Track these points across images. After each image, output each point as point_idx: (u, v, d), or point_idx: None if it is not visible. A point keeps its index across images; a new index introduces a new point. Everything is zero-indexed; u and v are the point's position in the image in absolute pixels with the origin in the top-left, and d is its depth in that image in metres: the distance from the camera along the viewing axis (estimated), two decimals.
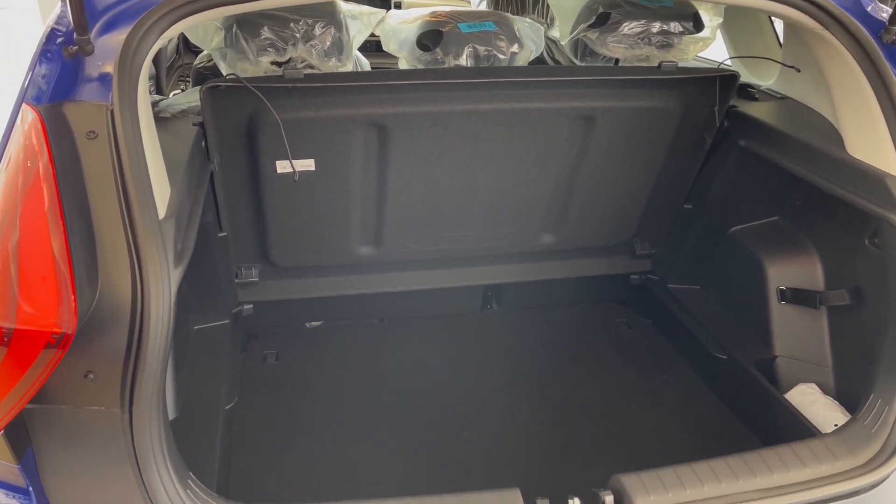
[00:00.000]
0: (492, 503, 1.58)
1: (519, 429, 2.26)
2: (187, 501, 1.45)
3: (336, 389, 2.46)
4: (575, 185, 2.43)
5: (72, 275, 1.26)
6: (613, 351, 2.70)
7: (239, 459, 2.10)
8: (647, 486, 1.63)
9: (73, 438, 1.40)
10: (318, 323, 2.80)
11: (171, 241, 1.46)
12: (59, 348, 1.25)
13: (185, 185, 1.70)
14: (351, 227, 2.39)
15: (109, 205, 1.38)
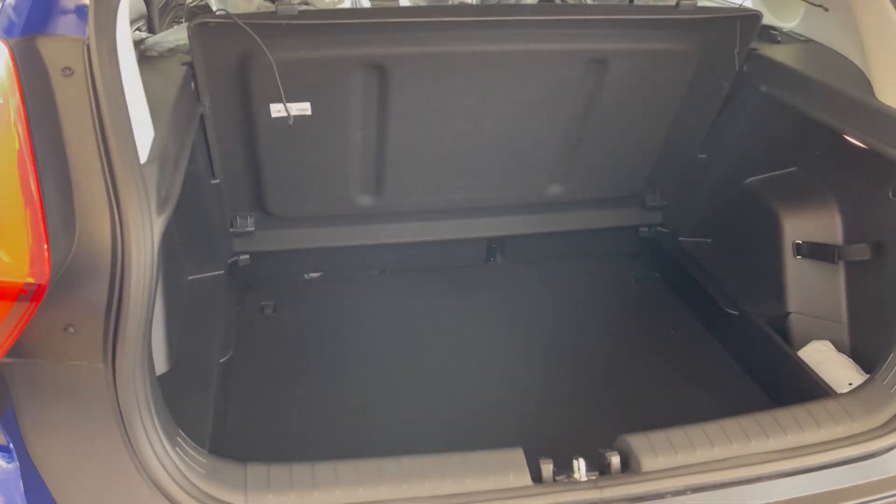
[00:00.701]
0: (494, 463, 1.52)
1: (522, 385, 2.20)
2: (176, 460, 1.39)
3: (335, 343, 2.39)
4: (585, 133, 2.32)
5: (44, 222, 1.17)
6: (620, 306, 2.62)
7: (234, 415, 2.05)
8: (654, 446, 1.57)
9: (55, 394, 1.34)
10: (316, 274, 2.73)
11: (154, 188, 1.37)
12: (32, 300, 1.17)
13: (171, 128, 1.60)
14: (350, 176, 2.30)
15: (87, 148, 1.28)
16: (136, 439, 1.35)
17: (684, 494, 1.49)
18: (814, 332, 2.20)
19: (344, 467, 1.48)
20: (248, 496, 1.42)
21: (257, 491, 1.43)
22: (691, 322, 2.54)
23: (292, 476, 1.46)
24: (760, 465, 1.54)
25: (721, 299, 2.42)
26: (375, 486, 1.46)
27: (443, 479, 1.49)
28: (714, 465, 1.53)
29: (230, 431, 1.99)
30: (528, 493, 1.48)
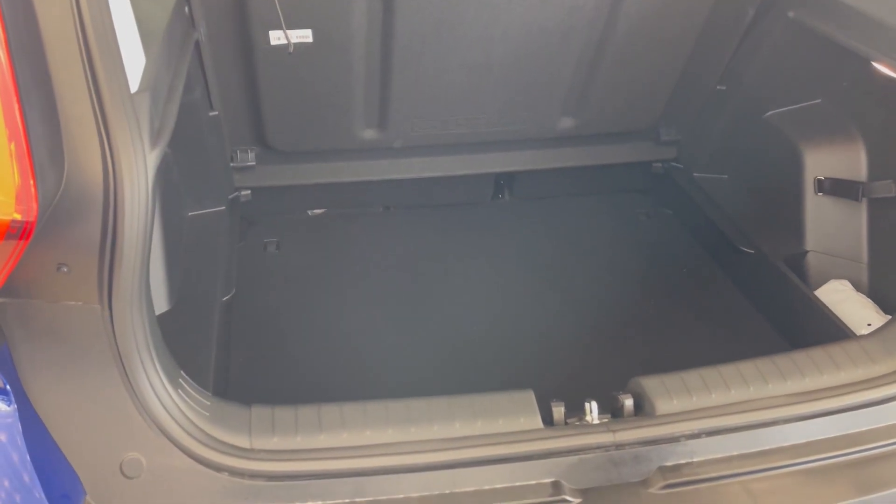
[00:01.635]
0: (504, 405, 1.49)
1: (532, 326, 2.16)
2: (179, 402, 1.35)
3: (340, 281, 2.35)
4: (599, 62, 2.21)
5: (30, 155, 1.10)
6: (632, 244, 2.56)
7: (237, 355, 2.01)
8: (669, 389, 1.53)
9: (52, 336, 1.30)
10: (320, 211, 2.67)
11: (147, 119, 1.29)
12: (21, 238, 1.11)
13: (164, 55, 1.51)
14: (353, 108, 2.21)
15: (73, 75, 1.20)
16: (137, 381, 1.31)
17: (699, 438, 1.46)
18: (832, 272, 2.14)
19: (350, 409, 1.45)
20: (252, 439, 1.39)
21: (262, 433, 1.40)
22: (705, 261, 2.48)
23: (298, 418, 1.43)
24: (778, 409, 1.50)
25: (736, 237, 2.35)
26: (383, 429, 1.43)
27: (452, 422, 1.45)
28: (730, 409, 1.50)
29: (233, 372, 1.96)
30: (540, 435, 1.45)
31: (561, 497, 1.38)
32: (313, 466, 1.38)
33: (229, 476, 1.35)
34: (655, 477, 1.42)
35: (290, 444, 1.39)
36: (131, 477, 1.34)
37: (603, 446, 1.43)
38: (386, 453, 1.40)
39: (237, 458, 1.36)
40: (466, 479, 1.39)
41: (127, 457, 1.34)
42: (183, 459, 1.35)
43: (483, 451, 1.41)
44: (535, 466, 1.42)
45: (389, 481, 1.38)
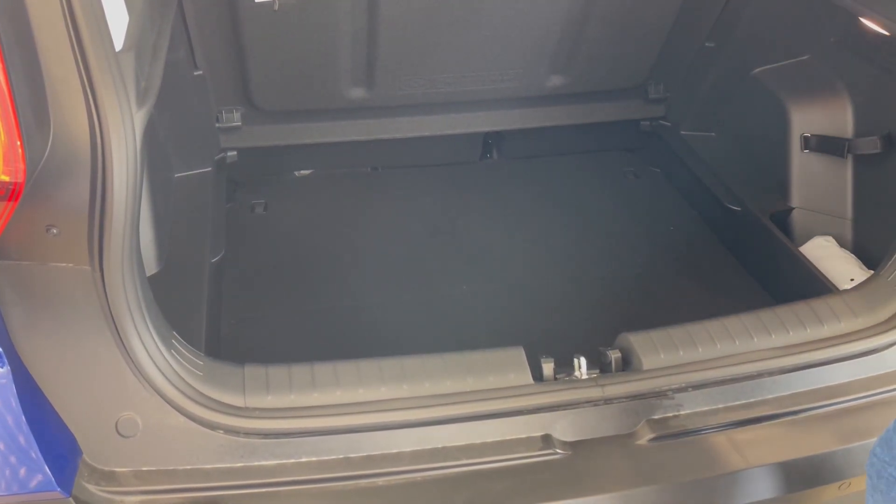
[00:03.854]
0: (494, 362, 1.51)
1: (521, 284, 2.18)
2: (172, 362, 1.36)
3: (329, 241, 2.35)
4: (588, 18, 2.20)
5: (16, 117, 1.09)
6: (620, 202, 2.57)
7: (228, 316, 2.02)
8: (656, 343, 1.56)
9: (43, 297, 1.30)
10: (307, 171, 2.65)
11: (132, 78, 1.27)
12: (9, 200, 1.10)
13: (147, 13, 1.48)
14: (340, 66, 2.19)
15: (57, 34, 1.18)
16: (130, 342, 1.32)
17: (686, 391, 1.49)
18: (817, 228, 2.17)
19: (344, 367, 1.47)
20: (246, 397, 1.41)
21: (256, 392, 1.42)
22: (692, 218, 2.50)
23: (291, 377, 1.45)
24: (763, 362, 1.53)
25: (723, 195, 2.37)
26: (376, 386, 1.45)
27: (443, 379, 1.47)
28: (716, 363, 1.52)
29: (224, 333, 1.97)
30: (530, 391, 1.47)
31: (551, 450, 1.41)
32: (307, 424, 1.40)
33: (224, 434, 1.37)
34: (643, 430, 1.45)
35: (283, 403, 1.41)
36: (127, 436, 1.36)
37: (592, 400, 1.46)
38: (379, 410, 1.42)
39: (232, 416, 1.37)
40: (458, 434, 1.42)
41: (122, 416, 1.35)
42: (178, 418, 1.36)
43: (474, 407, 1.44)
44: (525, 421, 1.44)
45: (383, 437, 1.41)
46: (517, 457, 1.42)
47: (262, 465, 1.37)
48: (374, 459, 1.39)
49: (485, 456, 1.41)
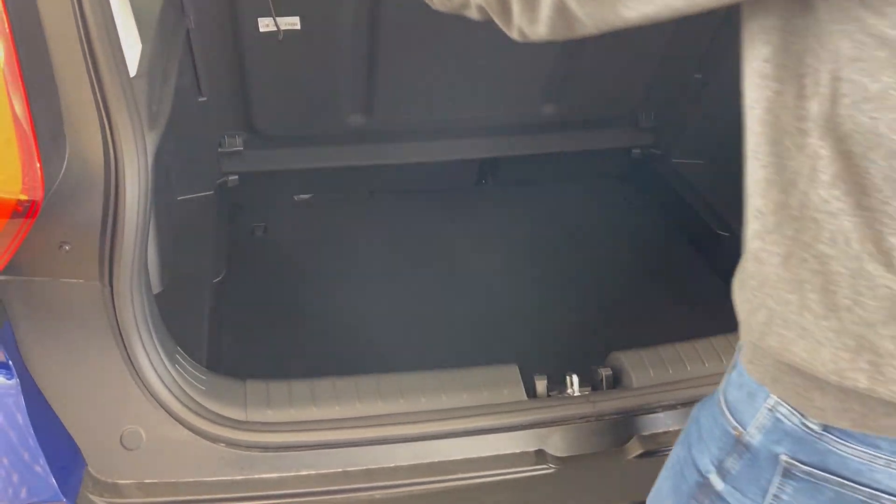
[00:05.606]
0: (489, 379, 1.55)
1: (515, 304, 2.23)
2: (176, 377, 1.40)
3: (327, 263, 2.40)
4: (581, 49, 2.27)
5: (35, 137, 1.14)
6: (612, 228, 2.63)
7: (228, 334, 2.06)
8: (646, 362, 1.60)
9: (53, 312, 1.34)
10: (306, 196, 2.71)
11: (145, 102, 1.33)
12: (27, 217, 1.15)
13: (158, 41, 1.55)
14: (340, 93, 2.25)
15: (74, 60, 1.24)
16: (136, 356, 1.36)
17: (675, 409, 1.54)
18: None
19: (343, 383, 1.51)
20: (248, 411, 1.44)
21: (257, 406, 1.45)
22: (682, 244, 2.56)
23: (291, 392, 1.49)
24: None
25: (712, 221, 2.43)
26: (373, 401, 1.49)
27: (439, 395, 1.52)
28: (704, 381, 1.56)
29: (225, 351, 2.00)
30: (523, 407, 1.51)
31: (545, 464, 1.45)
32: (307, 437, 1.43)
33: (226, 447, 1.40)
34: (633, 445, 1.49)
35: (284, 417, 1.45)
36: (131, 448, 1.39)
37: (584, 416, 1.50)
38: (377, 424, 1.46)
39: (233, 429, 1.41)
40: (454, 448, 1.46)
41: (127, 429, 1.39)
42: (181, 431, 1.40)
43: (470, 422, 1.48)
44: (519, 436, 1.48)
45: (380, 451, 1.44)
46: (511, 471, 1.45)
47: (262, 477, 1.40)
48: (372, 473, 1.43)
49: (480, 470, 1.45)
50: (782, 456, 0.89)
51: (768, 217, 0.84)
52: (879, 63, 0.71)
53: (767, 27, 0.80)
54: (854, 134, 0.75)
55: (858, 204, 0.76)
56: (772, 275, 0.85)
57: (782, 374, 0.88)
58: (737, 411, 0.95)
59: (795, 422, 0.88)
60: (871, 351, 0.79)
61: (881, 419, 0.82)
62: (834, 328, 0.81)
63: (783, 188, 0.82)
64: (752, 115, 0.84)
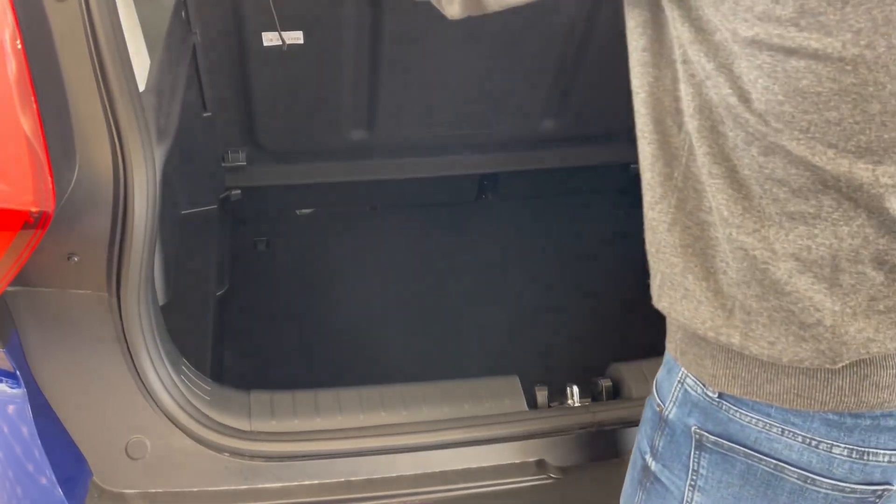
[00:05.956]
0: (491, 390, 1.57)
1: (516, 316, 2.25)
2: (181, 387, 1.42)
3: (329, 277, 2.42)
4: (579, 66, 2.31)
5: (46, 150, 1.17)
6: (610, 240, 2.66)
7: (231, 347, 2.08)
8: (645, 373, 1.62)
9: (60, 322, 1.35)
10: (308, 210, 2.74)
11: (153, 116, 1.36)
12: (38, 228, 1.17)
13: (166, 57, 1.58)
14: (342, 108, 2.28)
15: (84, 75, 1.26)
16: (142, 366, 1.38)
17: None
18: None
19: (346, 394, 1.53)
20: (252, 422, 1.46)
21: (261, 417, 1.47)
22: None
23: (295, 402, 1.51)
24: None
25: None
26: (376, 412, 1.51)
27: (441, 405, 1.54)
28: None
29: (228, 363, 2.02)
30: (524, 417, 1.53)
31: (545, 474, 1.47)
32: (310, 447, 1.45)
33: (230, 457, 1.42)
34: None
35: (287, 427, 1.46)
36: (136, 458, 1.41)
37: (584, 427, 1.52)
38: (379, 434, 1.47)
39: (238, 439, 1.43)
40: (456, 458, 1.47)
41: (132, 439, 1.41)
42: (185, 441, 1.41)
43: (471, 433, 1.49)
44: (520, 446, 1.50)
45: (383, 461, 1.46)
46: (513, 481, 1.47)
47: (266, 487, 1.42)
48: (374, 482, 1.44)
49: (482, 480, 1.46)
50: (693, 427, 0.95)
51: (656, 189, 0.91)
52: (710, 48, 0.80)
53: (642, 21, 0.89)
54: (710, 108, 0.82)
55: (718, 173, 0.83)
56: (662, 241, 0.92)
57: (686, 345, 0.95)
58: (660, 388, 1.02)
59: (699, 392, 0.94)
60: (741, 310, 0.85)
61: (765, 385, 0.87)
62: (712, 289, 0.87)
63: (667, 162, 0.89)
64: (638, 99, 0.92)
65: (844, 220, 0.80)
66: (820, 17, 0.72)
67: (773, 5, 0.73)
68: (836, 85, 0.74)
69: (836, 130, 0.76)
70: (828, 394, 0.85)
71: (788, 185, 0.80)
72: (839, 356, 0.82)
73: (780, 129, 0.78)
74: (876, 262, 0.81)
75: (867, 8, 0.71)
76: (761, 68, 0.76)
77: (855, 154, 0.77)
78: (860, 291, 0.81)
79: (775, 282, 0.82)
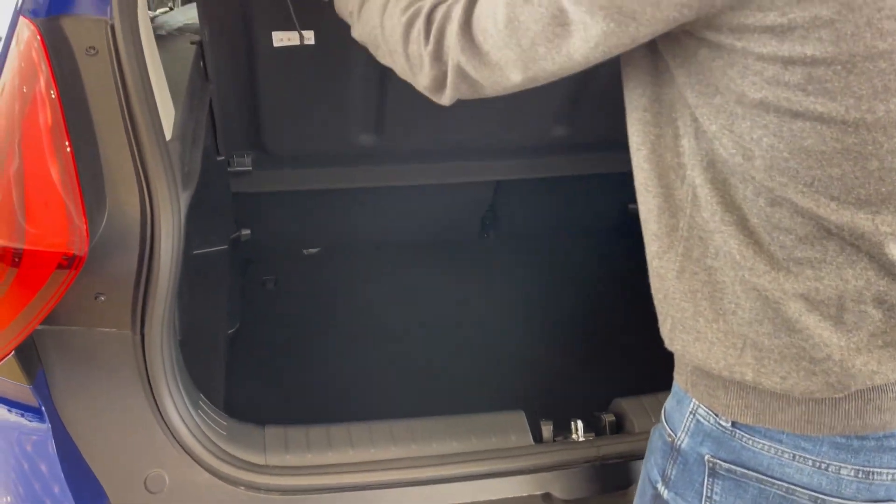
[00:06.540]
0: (497, 425, 1.62)
1: (521, 352, 2.30)
2: (199, 422, 1.47)
3: (336, 314, 2.47)
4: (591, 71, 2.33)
5: (81, 196, 1.24)
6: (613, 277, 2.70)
7: (243, 384, 2.12)
8: (647, 408, 1.67)
9: (85, 360, 1.40)
10: (315, 250, 2.80)
11: (179, 163, 1.43)
12: (71, 269, 1.23)
13: (188, 105, 1.66)
14: (351, 111, 2.25)
15: (114, 125, 1.34)
16: (163, 402, 1.42)
17: None
18: None
19: (357, 429, 1.57)
20: (267, 456, 1.50)
21: (276, 451, 1.52)
22: None
23: (308, 437, 1.55)
24: None
25: None
26: (386, 446, 1.55)
27: (449, 440, 1.58)
28: None
29: (241, 399, 2.06)
30: (530, 451, 1.57)
31: None
32: (324, 481, 1.49)
33: (246, 490, 1.46)
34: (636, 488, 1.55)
35: (302, 461, 1.51)
36: (154, 492, 1.44)
37: (588, 461, 1.57)
38: (390, 468, 1.52)
39: (253, 473, 1.47)
40: (465, 491, 1.51)
41: (151, 473, 1.44)
42: (203, 475, 1.45)
43: (479, 466, 1.53)
44: (526, 480, 1.54)
45: (393, 494, 1.50)
46: None
47: None
48: None
49: None
50: (707, 456, 1.00)
51: (663, 239, 0.97)
52: (715, 108, 0.86)
53: (641, 82, 0.96)
54: (715, 163, 0.89)
55: (730, 220, 0.90)
56: (671, 288, 0.98)
57: (697, 378, 1.00)
58: (671, 419, 1.07)
59: (711, 422, 0.99)
60: (753, 347, 0.91)
61: (777, 413, 0.93)
62: (722, 329, 0.93)
63: (672, 214, 0.95)
64: (640, 156, 0.99)
65: (848, 263, 0.87)
66: (826, 84, 0.79)
67: (782, 71, 0.80)
68: (839, 144, 0.82)
69: (839, 184, 0.84)
70: (835, 418, 0.91)
71: (795, 232, 0.87)
72: (847, 387, 0.89)
73: (786, 183, 0.85)
74: (876, 301, 0.88)
75: (868, 77, 0.78)
76: (767, 128, 0.83)
77: (856, 205, 0.84)
78: (861, 328, 0.88)
79: (787, 319, 0.89)
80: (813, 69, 0.79)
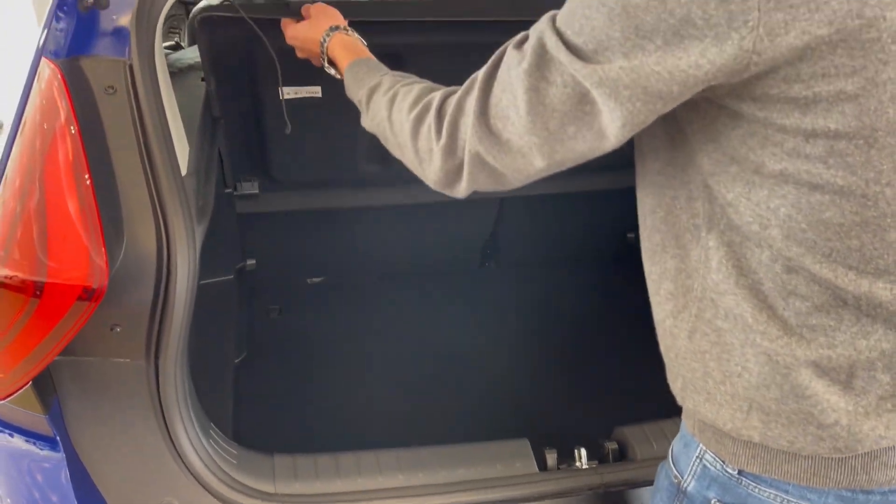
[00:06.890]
0: (501, 453, 1.65)
1: (525, 381, 2.32)
2: (210, 451, 1.49)
3: (340, 343, 2.50)
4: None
5: (101, 230, 1.28)
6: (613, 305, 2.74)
7: (250, 412, 2.14)
8: (649, 436, 1.70)
9: (99, 390, 1.43)
10: (318, 279, 2.84)
11: (194, 198, 1.47)
12: (91, 301, 1.27)
13: (201, 141, 1.70)
14: (358, 148, 2.31)
15: (132, 161, 1.38)
16: (175, 432, 1.45)
17: None
18: None
19: (364, 457, 1.60)
20: (276, 484, 1.53)
21: (285, 479, 1.54)
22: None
23: (317, 465, 1.58)
24: None
25: None
26: (394, 474, 1.58)
27: (455, 468, 1.61)
28: None
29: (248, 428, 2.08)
30: (534, 479, 1.60)
31: None
32: None
33: None
34: None
35: (311, 489, 1.53)
36: None
37: (592, 488, 1.59)
38: (397, 496, 1.54)
39: (263, 501, 1.49)
40: None
41: (163, 501, 1.47)
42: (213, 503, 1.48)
43: (484, 494, 1.56)
44: None
45: None
46: None
47: None
48: None
49: None
50: (713, 500, 1.02)
51: (679, 299, 0.98)
52: (731, 176, 0.87)
53: (655, 146, 0.96)
54: (731, 228, 0.90)
55: (744, 284, 0.90)
56: (682, 348, 0.99)
57: (705, 424, 1.01)
58: (678, 461, 1.08)
59: (718, 468, 1.01)
60: (760, 410, 0.93)
61: (784, 465, 0.95)
62: (729, 392, 0.95)
63: (689, 275, 0.96)
64: (657, 217, 0.99)
65: (863, 334, 0.88)
66: (847, 158, 0.80)
67: (803, 144, 0.81)
68: (858, 217, 0.83)
69: (857, 255, 0.85)
70: (842, 473, 0.93)
71: (811, 300, 0.88)
72: (854, 451, 0.91)
73: (803, 253, 0.86)
74: (886, 367, 0.89)
75: (890, 151, 0.80)
76: (785, 198, 0.84)
77: (874, 275, 0.86)
78: (870, 392, 0.90)
79: (796, 386, 0.90)
80: (835, 142, 0.79)
